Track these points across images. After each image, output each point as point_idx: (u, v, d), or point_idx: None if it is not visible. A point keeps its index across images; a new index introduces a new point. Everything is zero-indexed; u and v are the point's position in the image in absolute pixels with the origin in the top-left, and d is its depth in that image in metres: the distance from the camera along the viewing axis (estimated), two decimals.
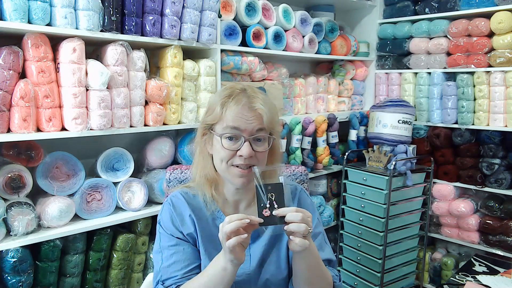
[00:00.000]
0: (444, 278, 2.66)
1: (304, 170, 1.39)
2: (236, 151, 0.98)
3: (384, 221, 2.33)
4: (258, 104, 0.99)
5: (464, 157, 2.49)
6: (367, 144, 2.80)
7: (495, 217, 2.38)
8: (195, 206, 1.08)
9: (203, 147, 1.07)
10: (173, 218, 1.06)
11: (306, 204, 1.16)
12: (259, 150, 1.00)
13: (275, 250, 1.09)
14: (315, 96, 2.63)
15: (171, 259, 1.02)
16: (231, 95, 1.00)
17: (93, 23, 1.52)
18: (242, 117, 0.98)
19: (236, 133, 0.98)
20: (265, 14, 2.20)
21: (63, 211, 1.54)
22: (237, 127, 0.98)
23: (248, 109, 0.98)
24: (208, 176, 1.07)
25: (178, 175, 1.33)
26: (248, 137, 0.98)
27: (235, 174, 1.00)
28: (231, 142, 0.99)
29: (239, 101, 0.99)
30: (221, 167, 1.01)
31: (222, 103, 0.99)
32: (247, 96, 1.00)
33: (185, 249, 1.04)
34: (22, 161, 1.49)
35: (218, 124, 1.01)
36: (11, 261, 1.41)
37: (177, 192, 1.12)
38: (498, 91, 2.31)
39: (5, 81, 1.36)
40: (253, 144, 0.99)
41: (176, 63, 1.79)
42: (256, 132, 0.99)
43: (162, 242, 1.06)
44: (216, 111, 1.00)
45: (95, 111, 1.56)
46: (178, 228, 1.05)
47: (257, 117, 0.99)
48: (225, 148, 0.98)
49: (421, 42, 2.59)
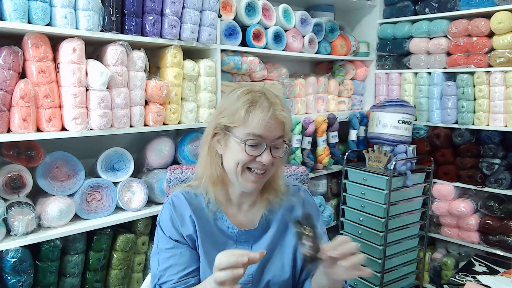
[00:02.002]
0: (444, 278, 2.66)
1: (305, 170, 1.39)
2: (255, 157, 0.99)
3: (384, 221, 2.33)
4: (281, 111, 1.00)
5: (464, 157, 2.49)
6: (367, 144, 2.80)
7: (495, 217, 2.38)
8: (196, 206, 1.07)
9: (212, 147, 1.06)
10: (173, 218, 1.05)
11: (310, 206, 1.16)
12: (276, 156, 1.01)
13: (278, 250, 1.09)
14: (315, 96, 2.63)
15: (168, 262, 1.01)
16: (255, 101, 0.99)
17: (93, 23, 1.51)
18: (267, 125, 0.98)
19: (259, 140, 0.98)
20: (265, 14, 2.20)
21: (63, 211, 1.54)
22: (261, 135, 0.98)
23: (273, 116, 0.98)
24: (214, 177, 1.06)
25: (179, 175, 1.33)
26: (269, 144, 0.99)
27: (249, 179, 1.01)
28: (253, 148, 0.99)
29: (265, 109, 0.98)
30: (236, 169, 1.01)
31: (248, 109, 0.98)
32: (270, 102, 1.00)
33: (183, 252, 1.03)
34: (22, 161, 1.49)
35: (240, 128, 0.99)
36: (11, 261, 1.40)
37: (178, 191, 1.11)
38: (498, 91, 2.31)
39: (5, 81, 1.36)
40: (272, 151, 1.00)
41: (176, 63, 1.79)
42: (276, 139, 1.00)
43: (160, 244, 1.05)
44: (239, 114, 0.98)
45: (95, 111, 1.56)
46: (178, 229, 1.04)
47: (280, 124, 1.00)
48: (247, 153, 0.98)
49: (421, 42, 2.59)
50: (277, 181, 1.10)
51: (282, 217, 1.10)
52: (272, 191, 1.10)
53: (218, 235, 1.06)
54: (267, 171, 1.02)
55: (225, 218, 1.07)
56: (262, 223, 1.09)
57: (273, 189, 1.10)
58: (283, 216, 1.10)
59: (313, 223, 0.89)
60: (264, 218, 1.09)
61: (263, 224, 1.09)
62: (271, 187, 1.10)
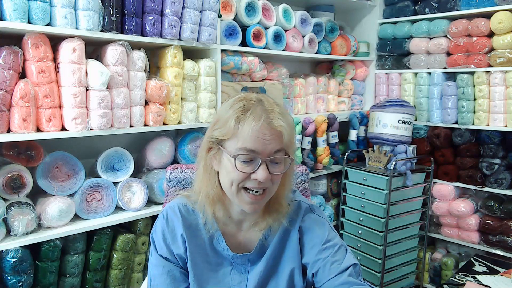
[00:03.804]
0: (444, 278, 2.66)
1: (305, 169, 1.39)
2: (250, 174, 0.87)
3: (384, 221, 2.33)
4: (279, 121, 0.86)
5: (464, 157, 2.49)
6: (367, 144, 2.80)
7: (495, 217, 2.38)
8: (191, 223, 0.99)
9: (208, 163, 0.94)
10: (165, 234, 0.99)
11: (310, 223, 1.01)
12: (275, 173, 0.89)
13: (274, 276, 1.00)
14: (315, 96, 2.63)
15: (156, 280, 0.96)
16: (247, 109, 0.87)
17: (93, 23, 1.51)
18: (260, 137, 0.85)
19: (252, 155, 0.86)
20: (265, 14, 2.20)
21: (63, 211, 1.54)
22: (254, 149, 0.85)
23: (268, 126, 0.85)
24: (211, 195, 0.95)
25: (179, 175, 1.32)
26: (265, 159, 0.86)
27: (245, 200, 0.90)
28: (245, 164, 0.86)
29: (258, 118, 0.85)
30: (231, 190, 0.90)
31: (237, 118, 0.86)
32: (265, 110, 0.87)
33: (170, 271, 0.97)
34: (22, 161, 1.49)
35: (231, 141, 0.87)
36: (11, 261, 1.41)
37: (175, 203, 1.02)
38: (498, 91, 2.31)
39: (5, 81, 1.36)
40: (269, 166, 0.87)
41: (176, 63, 1.79)
42: (274, 153, 0.87)
43: (152, 259, 1.00)
44: (228, 125, 0.86)
45: (95, 111, 1.56)
46: (168, 246, 0.98)
47: (277, 135, 0.87)
48: (239, 171, 0.86)
49: (421, 42, 2.59)
50: (280, 201, 0.98)
51: (279, 241, 1.00)
52: (274, 212, 0.98)
53: (213, 256, 0.99)
54: (267, 191, 0.90)
55: (221, 239, 0.99)
56: (258, 248, 0.99)
57: (275, 209, 0.98)
58: (280, 239, 1.00)
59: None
60: (262, 241, 1.00)
61: (259, 248, 1.00)
62: (273, 208, 0.98)
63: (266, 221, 0.98)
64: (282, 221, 0.98)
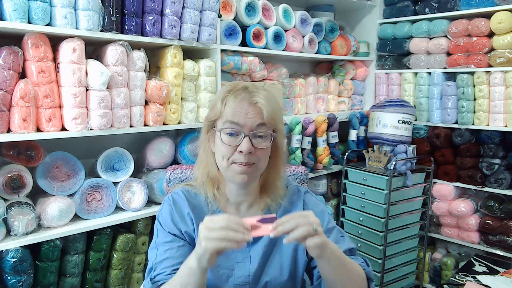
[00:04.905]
0: (444, 278, 2.66)
1: (304, 170, 1.39)
2: (236, 147, 0.96)
3: (384, 221, 2.33)
4: (258, 98, 0.97)
5: (464, 157, 2.49)
6: (367, 144, 2.80)
7: (495, 217, 2.38)
8: (196, 205, 1.07)
9: (206, 144, 1.06)
10: (173, 214, 1.05)
11: (312, 205, 1.12)
12: (260, 147, 0.98)
13: (277, 252, 1.07)
14: (315, 96, 2.63)
15: (164, 255, 1.00)
16: (231, 90, 1.00)
17: (93, 23, 1.51)
18: (241, 112, 0.96)
19: (235, 128, 0.96)
20: (265, 14, 2.20)
21: (63, 211, 1.54)
22: (237, 122, 0.96)
23: (248, 103, 0.97)
24: (211, 175, 1.05)
25: (178, 175, 1.33)
26: (248, 133, 0.96)
27: (235, 171, 0.98)
28: (231, 138, 0.97)
29: (238, 95, 0.98)
30: (222, 164, 1.00)
31: (222, 98, 0.99)
32: (248, 91, 0.99)
33: (180, 247, 1.02)
34: (22, 161, 1.49)
35: (219, 120, 0.99)
36: (11, 261, 1.41)
37: (178, 189, 1.11)
38: (498, 91, 2.31)
39: (5, 81, 1.36)
40: (253, 140, 0.97)
41: (176, 63, 1.79)
42: (256, 127, 0.97)
43: (159, 238, 1.05)
44: (217, 107, 0.99)
45: (95, 111, 1.56)
46: (176, 225, 1.04)
47: (257, 111, 0.97)
48: (225, 144, 0.97)
49: (421, 42, 2.59)
50: (275, 182, 1.07)
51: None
52: (271, 193, 1.07)
53: None
54: (255, 165, 0.99)
55: None
56: None
57: (272, 191, 1.07)
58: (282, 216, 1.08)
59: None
60: None
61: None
62: (269, 189, 1.07)
63: (264, 201, 1.06)
64: (280, 201, 1.07)
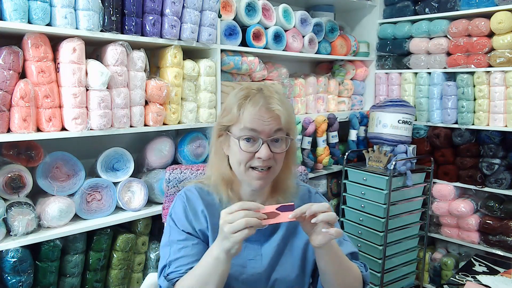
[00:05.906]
0: (444, 278, 2.66)
1: (304, 170, 1.39)
2: (254, 153, 0.98)
3: (384, 221, 2.33)
4: (275, 105, 0.98)
5: (464, 157, 2.49)
6: (367, 144, 2.80)
7: (495, 217, 2.38)
8: (209, 203, 1.08)
9: (218, 148, 1.06)
10: (187, 212, 1.06)
11: None
12: (277, 152, 0.99)
13: (288, 250, 1.08)
14: (315, 96, 2.63)
15: (179, 253, 1.01)
16: (247, 96, 1.00)
17: (93, 23, 1.51)
18: (259, 119, 0.97)
19: (253, 135, 0.98)
20: (265, 14, 2.20)
21: (63, 211, 1.54)
22: (255, 129, 0.97)
23: (266, 110, 0.98)
24: (224, 177, 1.06)
25: (178, 175, 1.32)
26: (266, 139, 0.98)
27: (253, 177, 1.00)
28: (248, 144, 0.98)
29: (256, 103, 0.98)
30: (239, 169, 1.01)
31: (239, 105, 0.99)
32: (264, 96, 0.99)
33: (194, 245, 1.02)
34: (22, 161, 1.49)
35: (235, 126, 1.00)
36: (11, 261, 1.41)
37: (191, 186, 1.11)
38: (498, 91, 2.31)
39: (5, 81, 1.36)
40: (270, 146, 0.98)
41: (176, 63, 1.79)
42: (274, 133, 0.98)
43: (172, 236, 1.05)
44: (233, 112, 0.99)
45: (95, 111, 1.56)
46: (191, 223, 1.05)
47: (275, 118, 0.98)
48: (243, 151, 0.98)
49: (421, 42, 2.59)
50: (286, 182, 1.09)
51: None
52: (282, 191, 1.09)
53: None
54: (272, 168, 1.01)
55: None
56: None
57: (283, 189, 1.09)
58: None
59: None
60: None
61: (272, 225, 1.08)
62: (280, 188, 1.09)
63: (276, 199, 1.07)
64: (292, 198, 1.07)
